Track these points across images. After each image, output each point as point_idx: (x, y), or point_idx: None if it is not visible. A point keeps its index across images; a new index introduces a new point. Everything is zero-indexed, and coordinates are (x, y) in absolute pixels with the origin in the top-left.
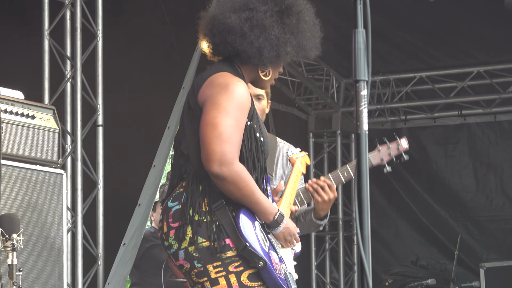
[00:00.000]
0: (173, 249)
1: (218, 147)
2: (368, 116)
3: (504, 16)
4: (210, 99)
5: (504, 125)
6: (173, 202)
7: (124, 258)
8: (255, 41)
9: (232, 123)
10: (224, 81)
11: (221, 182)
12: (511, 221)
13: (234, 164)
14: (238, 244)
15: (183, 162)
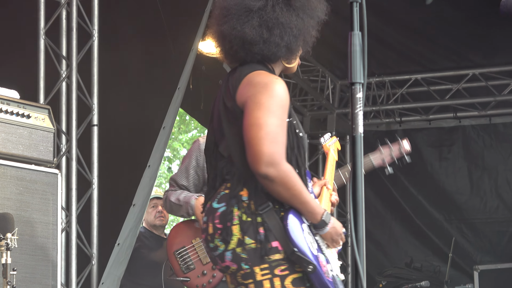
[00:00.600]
0: (219, 250)
1: (266, 147)
2: (363, 118)
3: (499, 19)
4: (251, 99)
5: (499, 128)
6: (219, 203)
7: (119, 258)
8: (281, 41)
9: (277, 123)
10: (263, 80)
11: (269, 183)
12: (505, 223)
13: (282, 164)
14: (287, 248)
15: (224, 164)
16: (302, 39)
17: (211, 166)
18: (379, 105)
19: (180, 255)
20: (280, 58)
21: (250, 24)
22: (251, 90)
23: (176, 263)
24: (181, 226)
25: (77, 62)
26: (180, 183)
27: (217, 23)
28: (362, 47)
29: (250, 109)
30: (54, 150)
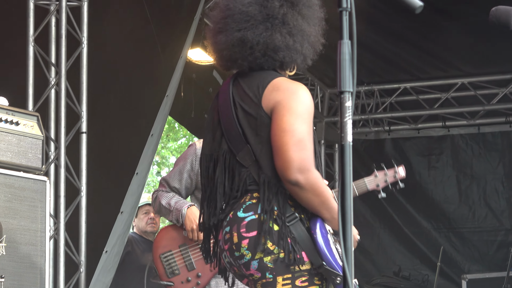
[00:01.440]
0: (245, 259)
1: (297, 154)
2: (352, 126)
3: (489, 28)
4: (282, 104)
5: (488, 137)
6: (246, 212)
7: (107, 265)
8: (301, 48)
9: (308, 130)
10: (290, 86)
11: (299, 190)
12: (494, 233)
13: (312, 171)
14: (314, 260)
15: (246, 173)
16: (313, 48)
17: (223, 175)
18: (368, 114)
19: (166, 258)
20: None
21: (279, 31)
22: (280, 95)
23: (161, 266)
24: (169, 229)
25: (66, 69)
26: (172, 185)
27: (236, 28)
28: (351, 55)
29: (281, 114)
30: (43, 157)
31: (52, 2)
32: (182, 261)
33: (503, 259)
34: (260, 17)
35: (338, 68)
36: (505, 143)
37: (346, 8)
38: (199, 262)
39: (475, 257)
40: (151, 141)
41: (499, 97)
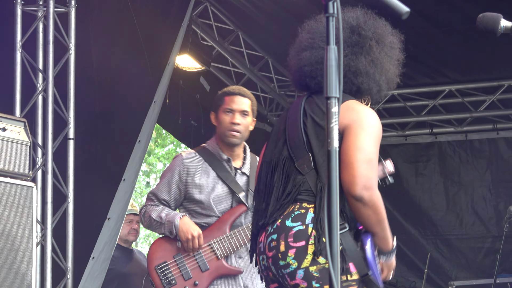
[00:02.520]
0: (290, 268)
1: (366, 171)
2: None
3: (476, 36)
4: (357, 123)
5: (475, 144)
6: (294, 222)
7: (93, 272)
8: (379, 79)
9: (376, 151)
10: (364, 109)
11: (362, 205)
12: (481, 240)
13: (375, 189)
14: (360, 270)
15: (301, 180)
16: (389, 84)
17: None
18: None
19: (161, 270)
20: (366, 96)
21: (364, 57)
22: (355, 115)
23: (157, 278)
24: (162, 241)
25: (53, 75)
26: (162, 198)
27: (323, 46)
28: (337, 61)
29: (356, 132)
30: (30, 163)
31: (39, 8)
32: (178, 271)
33: (490, 266)
34: (349, 42)
35: (324, 74)
36: (492, 150)
37: (332, 14)
38: (195, 271)
39: (463, 264)
40: (138, 147)
41: (487, 104)
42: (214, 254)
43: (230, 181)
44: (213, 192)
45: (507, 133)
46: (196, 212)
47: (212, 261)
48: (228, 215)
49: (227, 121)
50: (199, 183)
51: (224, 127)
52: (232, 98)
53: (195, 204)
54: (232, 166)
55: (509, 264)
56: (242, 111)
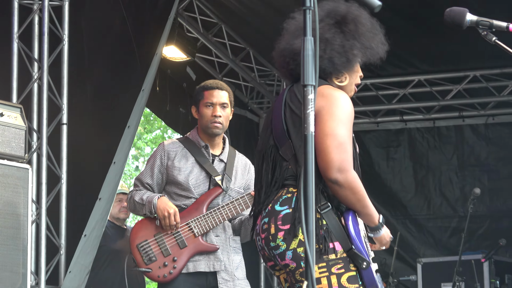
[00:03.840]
0: (280, 249)
1: (338, 155)
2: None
3: (443, 29)
4: (325, 109)
5: (442, 130)
6: (282, 206)
7: (85, 248)
8: (323, 54)
9: (348, 134)
10: (333, 93)
11: (339, 188)
12: (447, 220)
13: (350, 171)
14: (345, 246)
15: (285, 166)
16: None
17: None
18: None
19: (143, 248)
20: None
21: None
22: (324, 101)
23: (138, 255)
24: (144, 221)
25: (48, 65)
26: (145, 182)
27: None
28: (314, 51)
29: (324, 119)
30: (26, 146)
31: (35, 2)
32: (158, 248)
33: (456, 244)
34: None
35: (301, 63)
36: (458, 136)
37: (309, 7)
38: (173, 247)
39: (430, 242)
40: (128, 132)
41: (453, 93)
42: (191, 232)
43: (208, 166)
44: (191, 174)
45: (472, 121)
46: (176, 194)
47: (190, 238)
48: (204, 196)
49: (209, 114)
50: (178, 166)
51: (206, 120)
52: (211, 92)
53: (175, 186)
54: (210, 152)
55: (473, 243)
56: (222, 103)
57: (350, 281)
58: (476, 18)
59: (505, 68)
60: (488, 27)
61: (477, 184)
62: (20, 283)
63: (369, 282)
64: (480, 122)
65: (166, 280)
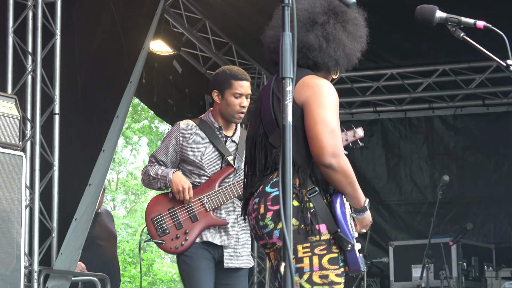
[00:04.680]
0: (268, 228)
1: (331, 141)
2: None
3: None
4: (313, 99)
5: (413, 121)
6: (272, 188)
7: (76, 231)
8: (334, 54)
9: (337, 120)
10: (318, 82)
11: (332, 172)
12: (418, 205)
13: (342, 155)
14: (332, 229)
15: (276, 153)
16: (348, 58)
17: (259, 154)
18: None
19: (157, 221)
20: (328, 69)
21: (314, 33)
22: (310, 91)
23: (153, 228)
24: (159, 197)
25: (41, 58)
26: (160, 159)
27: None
28: (292, 46)
29: (313, 108)
30: (20, 135)
31: None
32: (171, 222)
33: (426, 228)
34: (304, 21)
35: (280, 57)
36: (428, 126)
37: (288, 4)
38: (186, 221)
39: (401, 227)
40: (117, 122)
41: (423, 86)
42: (203, 207)
43: (221, 146)
44: (205, 153)
45: (441, 112)
46: (190, 172)
47: (202, 213)
48: (217, 175)
49: (237, 104)
50: (193, 145)
51: (233, 109)
52: (241, 83)
53: (189, 165)
54: (223, 133)
55: (442, 227)
56: (248, 94)
57: (330, 262)
58: (445, 15)
59: (473, 63)
60: (456, 24)
61: (446, 171)
62: (14, 263)
63: (352, 263)
64: (449, 113)
65: (178, 251)
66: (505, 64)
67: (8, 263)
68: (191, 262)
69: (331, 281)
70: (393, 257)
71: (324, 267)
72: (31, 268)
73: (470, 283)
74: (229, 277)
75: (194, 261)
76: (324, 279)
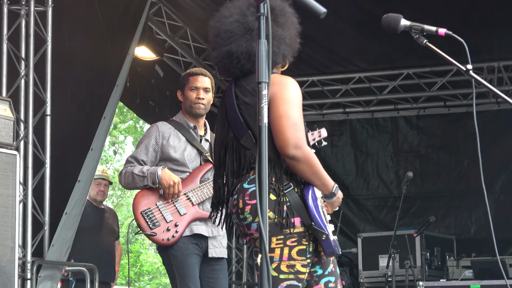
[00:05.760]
0: (247, 221)
1: (293, 134)
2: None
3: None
4: (277, 95)
5: (380, 121)
6: (250, 184)
7: (66, 224)
8: (278, 50)
9: (300, 114)
10: (281, 80)
11: (296, 163)
12: (384, 199)
13: (305, 147)
14: (306, 222)
15: (249, 154)
16: (291, 48)
17: (232, 157)
18: None
19: (147, 214)
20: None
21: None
22: (275, 88)
23: (143, 221)
24: (144, 192)
25: (33, 63)
26: (140, 159)
27: (223, 44)
28: (267, 53)
29: (277, 103)
30: (14, 135)
31: (22, 7)
32: (161, 215)
33: (391, 221)
34: (240, 32)
35: (256, 63)
36: (393, 126)
37: (263, 13)
38: (174, 214)
39: (369, 219)
40: (104, 122)
41: (389, 88)
42: (189, 201)
43: (197, 144)
44: (185, 151)
45: (405, 113)
46: (172, 170)
47: (188, 206)
48: (197, 171)
49: (193, 97)
50: (173, 144)
51: (191, 101)
52: (196, 77)
53: (170, 162)
54: (198, 133)
55: (406, 220)
56: (205, 88)
57: (299, 253)
58: (409, 23)
59: (435, 67)
60: (420, 31)
61: (410, 168)
62: (9, 255)
63: (327, 248)
64: (413, 114)
65: (170, 243)
66: (465, 68)
67: (3, 255)
68: (182, 258)
69: (297, 271)
70: (361, 248)
71: (292, 258)
72: (25, 259)
73: (433, 272)
74: (212, 269)
75: (185, 257)
76: (290, 269)
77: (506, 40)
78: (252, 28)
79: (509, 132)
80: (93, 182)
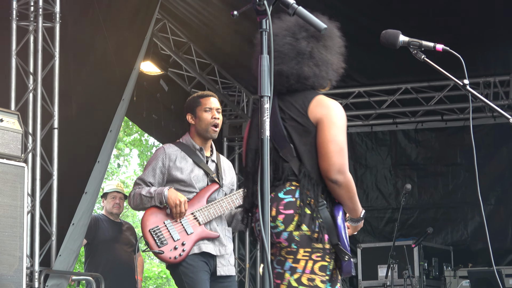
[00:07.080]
0: (278, 229)
1: (339, 159)
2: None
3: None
4: (327, 118)
5: (379, 135)
6: (286, 195)
7: (73, 235)
8: (326, 75)
9: (345, 140)
10: (331, 103)
11: (337, 187)
12: (383, 211)
13: (347, 173)
14: (333, 240)
15: (288, 166)
16: (337, 72)
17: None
18: None
19: (155, 232)
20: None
21: (306, 64)
22: (324, 110)
23: (151, 239)
24: (153, 210)
25: (41, 77)
26: (148, 181)
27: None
28: (269, 67)
29: (327, 126)
30: (22, 147)
31: (31, 23)
32: (168, 234)
33: (390, 232)
34: (292, 54)
35: (259, 77)
36: (392, 139)
37: (265, 29)
38: (182, 233)
39: (368, 230)
40: (110, 135)
41: (388, 103)
42: (196, 220)
43: (204, 166)
44: (192, 173)
45: (404, 126)
46: (179, 190)
47: (195, 226)
48: (204, 191)
49: (209, 118)
50: (180, 166)
51: (207, 123)
52: (208, 99)
53: (177, 183)
54: (204, 154)
55: (404, 231)
56: (217, 108)
57: (321, 269)
58: (407, 39)
59: (432, 82)
60: (418, 47)
61: (408, 180)
62: (17, 265)
63: (346, 269)
64: (411, 128)
65: (176, 261)
66: (462, 83)
67: (11, 264)
68: (193, 274)
69: (316, 285)
70: (361, 258)
71: (314, 272)
72: (33, 269)
73: (430, 282)
74: (222, 287)
75: (196, 273)
76: (310, 282)
77: (502, 56)
78: (304, 52)
79: (505, 146)
80: (109, 196)
